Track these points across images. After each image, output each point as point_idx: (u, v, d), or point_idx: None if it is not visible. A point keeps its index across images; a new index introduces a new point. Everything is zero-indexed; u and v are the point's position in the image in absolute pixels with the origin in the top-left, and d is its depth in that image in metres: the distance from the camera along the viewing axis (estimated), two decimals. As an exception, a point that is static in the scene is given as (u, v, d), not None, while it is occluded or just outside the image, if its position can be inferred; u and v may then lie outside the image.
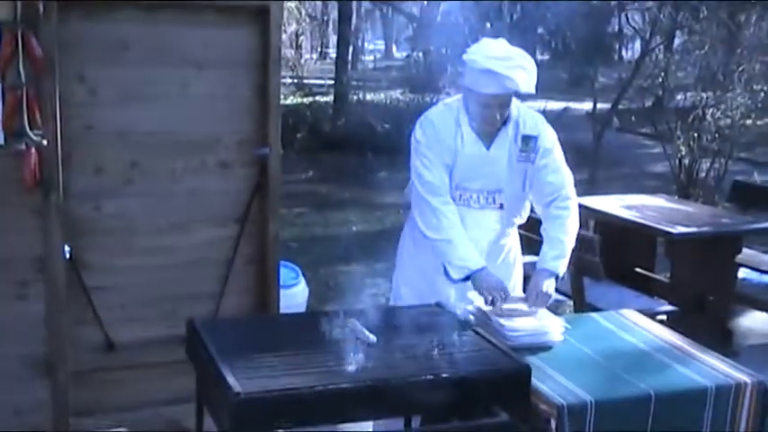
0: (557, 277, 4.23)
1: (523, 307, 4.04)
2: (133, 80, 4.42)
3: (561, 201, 4.32)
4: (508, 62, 4.02)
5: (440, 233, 4.19)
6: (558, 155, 4.34)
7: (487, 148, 4.24)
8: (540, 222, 4.41)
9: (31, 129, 3.87)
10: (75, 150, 4.33)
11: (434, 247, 4.23)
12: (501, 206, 4.32)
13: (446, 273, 4.20)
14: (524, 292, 4.30)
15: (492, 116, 4.16)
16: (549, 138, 4.32)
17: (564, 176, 4.34)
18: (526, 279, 4.57)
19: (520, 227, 4.59)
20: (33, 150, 3.89)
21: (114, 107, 4.41)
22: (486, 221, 4.31)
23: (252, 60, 4.62)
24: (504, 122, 4.23)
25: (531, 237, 5.61)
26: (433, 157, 4.23)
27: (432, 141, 4.24)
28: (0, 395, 4.15)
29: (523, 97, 4.21)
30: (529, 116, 4.33)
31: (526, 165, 4.28)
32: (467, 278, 4.14)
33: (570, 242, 4.30)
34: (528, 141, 4.26)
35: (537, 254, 4.35)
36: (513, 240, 4.57)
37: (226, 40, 4.55)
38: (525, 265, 4.69)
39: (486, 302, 4.03)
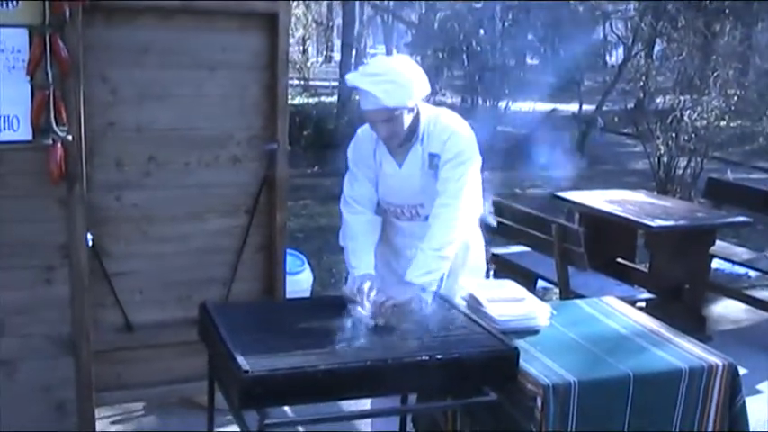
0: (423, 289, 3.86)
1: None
2: (151, 81, 4.43)
3: (437, 207, 3.97)
4: (375, 78, 3.80)
5: (343, 240, 4.16)
6: (456, 167, 3.97)
7: (399, 166, 4.06)
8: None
9: (57, 125, 3.87)
10: (97, 145, 4.34)
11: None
12: (426, 218, 4.06)
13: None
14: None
15: (381, 131, 3.94)
16: (451, 148, 3.97)
17: (449, 185, 3.96)
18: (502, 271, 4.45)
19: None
20: (59, 145, 3.90)
21: (134, 106, 4.41)
22: (416, 232, 4.09)
23: (261, 63, 4.62)
24: (414, 139, 4.01)
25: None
26: (357, 172, 4.15)
27: (356, 158, 4.16)
28: (29, 372, 4.15)
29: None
30: (437, 131, 4.01)
31: (436, 180, 4.02)
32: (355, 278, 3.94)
33: (438, 251, 3.88)
34: (432, 159, 4.00)
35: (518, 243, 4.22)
36: (472, 239, 4.33)
37: (237, 43, 4.55)
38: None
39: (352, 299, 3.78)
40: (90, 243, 4.28)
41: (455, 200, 3.94)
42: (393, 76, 3.81)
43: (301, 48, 26.40)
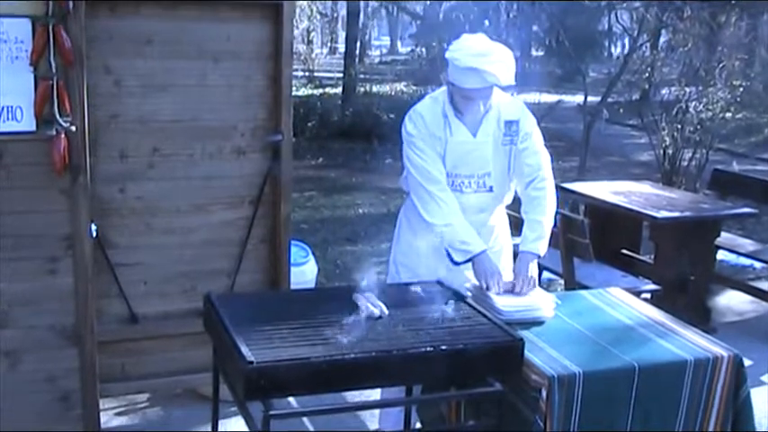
0: (538, 257, 4.21)
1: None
2: (155, 72, 4.43)
3: (538, 182, 4.28)
4: (488, 57, 3.99)
5: (441, 218, 4.17)
6: (536, 138, 4.32)
7: (474, 135, 4.22)
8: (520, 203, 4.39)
9: (60, 116, 3.86)
10: (101, 137, 4.34)
11: (437, 232, 4.21)
12: (491, 189, 4.30)
13: (449, 256, 4.18)
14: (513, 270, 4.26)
15: (476, 107, 4.16)
16: (529, 122, 4.31)
17: (541, 159, 4.31)
18: (515, 256, 4.55)
19: (508, 207, 4.57)
20: (63, 136, 3.89)
21: (137, 97, 4.42)
22: (478, 205, 4.29)
23: (265, 53, 4.62)
24: (487, 110, 4.22)
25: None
26: (426, 148, 4.21)
27: (423, 133, 4.22)
28: (34, 363, 4.15)
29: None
30: (509, 103, 4.32)
31: (510, 147, 4.27)
32: (467, 260, 4.14)
33: (548, 222, 4.27)
34: (510, 125, 4.24)
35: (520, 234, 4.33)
36: (500, 220, 4.53)
37: (241, 34, 4.55)
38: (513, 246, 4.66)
39: (481, 286, 4.04)
40: (94, 234, 4.28)
41: (546, 170, 4.32)
42: (501, 56, 4.04)
43: (306, 39, 26.38)
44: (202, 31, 4.46)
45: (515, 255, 4.35)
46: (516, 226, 4.57)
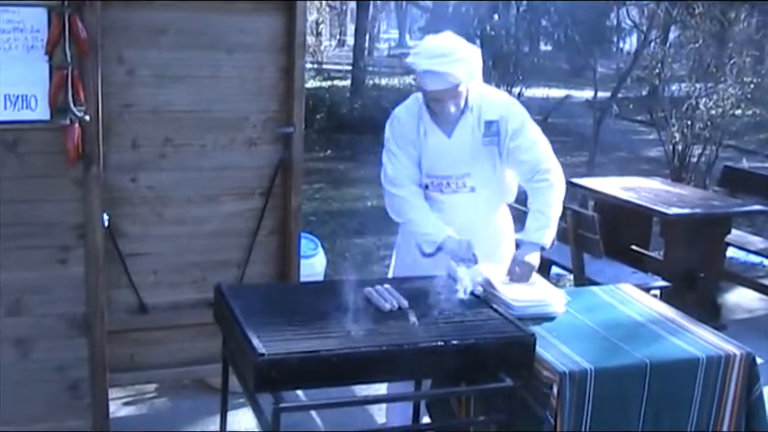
0: (543, 248, 4.16)
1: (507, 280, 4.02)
2: (168, 62, 4.42)
3: (540, 174, 4.20)
4: (446, 58, 3.94)
5: (402, 216, 4.21)
6: (530, 132, 4.21)
7: (449, 136, 4.17)
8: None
9: (75, 105, 3.86)
10: (114, 126, 4.34)
11: (404, 230, 4.27)
12: (473, 189, 4.23)
13: (420, 250, 4.18)
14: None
15: (447, 108, 4.08)
16: (515, 119, 4.19)
17: (539, 152, 4.21)
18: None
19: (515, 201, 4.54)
20: (76, 125, 3.88)
21: (150, 87, 4.42)
22: (460, 205, 4.23)
23: (278, 45, 4.61)
24: (463, 110, 4.14)
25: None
26: (398, 151, 4.21)
27: (397, 137, 4.23)
28: (44, 352, 4.15)
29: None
30: (490, 101, 4.21)
31: (492, 148, 4.19)
32: (439, 249, 4.10)
33: (554, 212, 4.19)
34: (489, 126, 4.15)
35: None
36: (502, 219, 4.48)
37: (255, 26, 4.54)
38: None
39: (458, 267, 3.96)
40: (106, 224, 4.28)
41: (551, 162, 4.23)
42: (460, 54, 4.00)
43: (315, 31, 26.32)
44: (216, 23, 4.45)
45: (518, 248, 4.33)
46: (518, 218, 4.55)
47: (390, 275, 4.61)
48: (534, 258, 4.10)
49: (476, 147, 4.17)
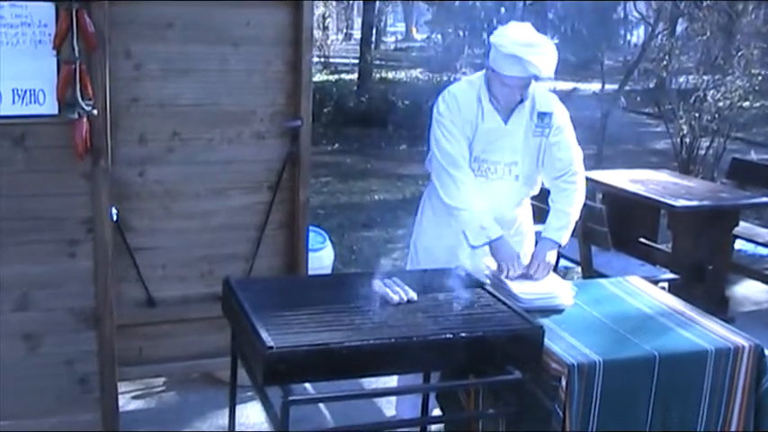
0: (559, 246, 4.25)
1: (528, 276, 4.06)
2: (176, 56, 4.41)
3: (570, 176, 4.31)
4: (533, 48, 3.98)
5: (460, 201, 4.17)
6: (568, 133, 4.33)
7: (505, 122, 4.22)
8: (548, 193, 4.41)
9: (82, 99, 3.86)
10: (121, 120, 4.33)
11: (454, 214, 4.21)
12: (516, 177, 4.30)
13: (466, 239, 4.19)
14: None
15: (513, 95, 4.16)
16: (561, 116, 4.31)
17: (573, 154, 4.33)
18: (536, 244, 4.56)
19: (532, 198, 4.58)
20: (84, 120, 3.89)
21: (158, 81, 4.41)
22: (503, 192, 4.29)
23: (285, 38, 4.59)
24: (522, 99, 4.21)
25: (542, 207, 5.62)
26: (455, 130, 4.20)
27: (454, 115, 4.21)
28: (53, 346, 4.16)
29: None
30: (544, 95, 4.31)
31: (541, 139, 4.27)
32: (484, 244, 4.13)
33: (574, 214, 4.31)
34: (543, 117, 4.24)
35: (543, 222, 4.35)
36: (525, 211, 4.56)
37: (262, 20, 4.53)
38: (535, 233, 4.66)
39: (499, 270, 4.04)
40: (114, 218, 4.29)
41: (577, 165, 4.36)
42: (545, 48, 4.04)
43: (321, 25, 26.33)
44: (223, 17, 4.44)
45: (537, 242, 4.35)
46: (539, 216, 4.58)
47: (409, 254, 4.71)
48: (552, 256, 4.18)
49: (527, 136, 4.25)
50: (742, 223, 7.11)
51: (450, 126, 4.21)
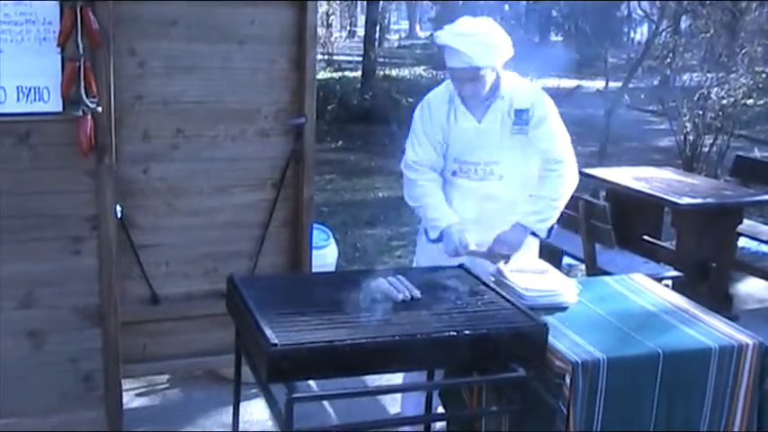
0: (534, 234, 4.21)
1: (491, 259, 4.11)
2: (180, 54, 4.43)
3: (551, 163, 4.22)
4: (465, 38, 3.96)
5: (416, 201, 4.25)
6: (552, 123, 4.24)
7: (479, 121, 4.19)
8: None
9: (87, 97, 3.87)
10: (125, 118, 4.34)
11: (417, 214, 4.31)
12: (501, 177, 4.24)
13: (426, 234, 4.26)
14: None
15: (465, 89, 4.10)
16: (541, 107, 4.22)
17: (556, 143, 4.24)
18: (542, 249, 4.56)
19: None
20: (89, 117, 3.90)
21: (162, 78, 4.42)
22: (488, 192, 4.24)
23: (289, 36, 4.61)
24: (495, 96, 4.16)
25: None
26: (423, 137, 4.24)
27: (425, 123, 4.24)
28: (56, 344, 4.17)
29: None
30: (522, 90, 4.24)
31: (522, 137, 4.20)
32: (441, 236, 4.17)
33: (554, 201, 4.22)
34: (521, 114, 4.18)
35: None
36: None
37: (266, 18, 4.54)
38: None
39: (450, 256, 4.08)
40: (119, 215, 4.29)
41: (566, 155, 4.24)
42: (483, 37, 4.00)
43: (325, 22, 26.32)
44: (227, 14, 4.45)
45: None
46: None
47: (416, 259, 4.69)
48: (519, 237, 4.15)
49: (505, 135, 4.19)
50: (746, 221, 7.09)
51: (420, 133, 4.26)
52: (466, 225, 4.19)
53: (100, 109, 3.92)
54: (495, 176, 4.24)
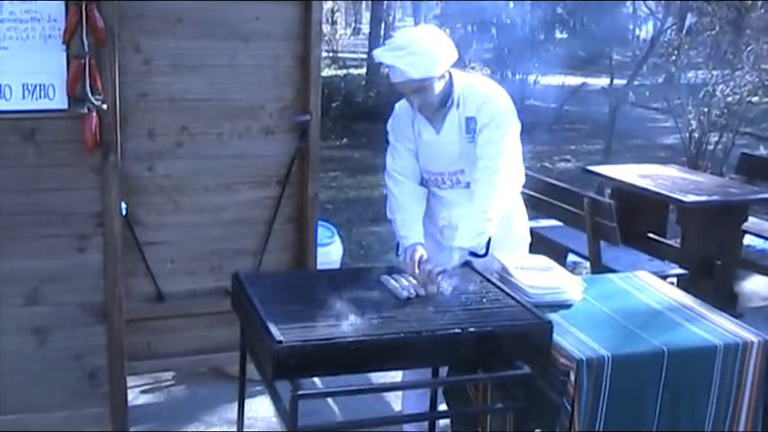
0: (473, 253, 3.97)
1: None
2: (185, 51, 4.43)
3: (481, 171, 4.02)
4: (400, 52, 3.88)
5: (390, 213, 4.23)
6: (495, 131, 4.03)
7: (437, 132, 4.13)
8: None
9: (92, 94, 3.87)
10: (130, 115, 4.34)
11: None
12: (467, 185, 4.16)
13: (397, 251, 4.20)
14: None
15: (413, 102, 4.02)
16: (488, 112, 4.04)
17: (488, 149, 4.02)
18: (532, 244, 4.54)
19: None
20: (94, 114, 3.90)
21: (167, 76, 4.42)
22: (457, 201, 4.19)
23: (294, 34, 4.60)
24: (449, 104, 4.07)
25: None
26: (398, 145, 4.23)
27: (396, 132, 4.25)
28: (62, 340, 4.18)
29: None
30: (472, 95, 4.08)
31: (474, 145, 4.08)
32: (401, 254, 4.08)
33: (485, 212, 3.97)
34: (469, 123, 4.07)
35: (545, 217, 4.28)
36: (516, 209, 4.40)
37: (271, 15, 4.54)
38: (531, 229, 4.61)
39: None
40: (124, 213, 4.30)
41: (495, 162, 4.01)
42: (415, 48, 3.89)
43: (330, 19, 26.31)
44: (232, 12, 4.45)
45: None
46: (533, 206, 4.48)
47: None
48: (448, 259, 3.90)
49: (464, 144, 4.09)
50: (751, 218, 7.09)
51: (394, 141, 4.25)
52: (445, 231, 4.18)
53: (105, 106, 3.93)
54: (461, 185, 4.19)
